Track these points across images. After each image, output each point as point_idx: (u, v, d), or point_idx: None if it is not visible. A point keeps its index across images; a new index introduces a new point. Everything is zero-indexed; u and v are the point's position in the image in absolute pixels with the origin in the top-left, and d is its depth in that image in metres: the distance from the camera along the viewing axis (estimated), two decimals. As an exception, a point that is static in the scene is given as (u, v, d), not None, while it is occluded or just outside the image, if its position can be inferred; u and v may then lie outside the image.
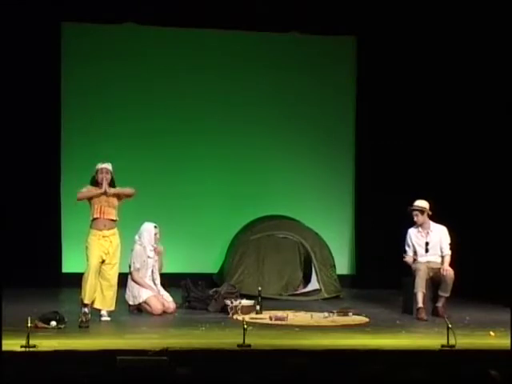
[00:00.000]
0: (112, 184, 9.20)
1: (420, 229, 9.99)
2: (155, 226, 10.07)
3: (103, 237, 9.03)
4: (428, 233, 9.97)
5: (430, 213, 9.96)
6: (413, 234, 10.03)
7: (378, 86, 12.72)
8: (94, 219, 9.04)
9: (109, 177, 9.14)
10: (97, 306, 9.01)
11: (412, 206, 9.97)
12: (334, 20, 12.41)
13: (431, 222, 9.99)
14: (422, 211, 9.93)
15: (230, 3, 11.96)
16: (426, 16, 12.01)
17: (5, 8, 10.03)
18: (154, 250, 10.05)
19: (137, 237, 10.03)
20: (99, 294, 9.04)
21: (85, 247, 9.03)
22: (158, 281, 10.03)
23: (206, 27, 12.42)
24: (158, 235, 10.07)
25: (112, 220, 9.11)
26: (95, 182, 9.15)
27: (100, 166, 9.16)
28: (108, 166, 9.18)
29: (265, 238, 11.75)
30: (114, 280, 9.12)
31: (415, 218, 9.96)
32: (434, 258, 9.94)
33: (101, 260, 9.01)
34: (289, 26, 12.57)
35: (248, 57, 12.86)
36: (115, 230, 9.15)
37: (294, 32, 12.64)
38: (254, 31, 12.64)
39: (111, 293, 9.10)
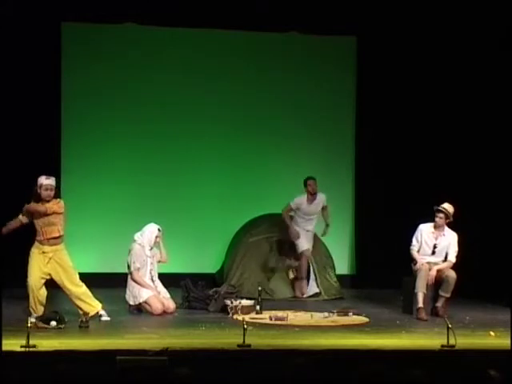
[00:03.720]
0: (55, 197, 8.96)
1: (433, 229, 9.98)
2: (159, 229, 10.04)
3: (43, 252, 8.88)
4: (440, 235, 9.96)
5: (452, 219, 9.95)
6: (424, 231, 10.00)
7: (378, 86, 12.71)
8: (37, 240, 8.88)
9: (52, 194, 8.88)
10: (90, 312, 8.91)
11: (439, 206, 9.92)
12: (334, 20, 12.41)
13: (446, 227, 9.99)
14: (447, 216, 9.91)
15: (230, 3, 11.96)
16: (426, 16, 12.00)
17: (5, 8, 10.01)
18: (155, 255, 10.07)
19: (138, 234, 9.98)
20: (81, 303, 8.91)
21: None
22: (156, 277, 10.04)
23: (206, 27, 12.42)
24: (158, 239, 10.03)
25: (55, 237, 8.91)
26: (39, 197, 8.86)
27: (45, 181, 8.86)
28: (52, 181, 8.90)
29: (264, 241, 11.74)
30: (78, 289, 8.92)
31: (437, 219, 9.90)
32: (436, 260, 9.94)
33: (43, 277, 8.81)
34: (289, 26, 12.57)
35: (248, 57, 12.86)
36: (59, 247, 8.93)
37: (293, 32, 12.64)
38: (254, 31, 12.65)
39: (86, 295, 8.95)
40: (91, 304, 8.96)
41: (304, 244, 11.40)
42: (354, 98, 13.06)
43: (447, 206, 9.93)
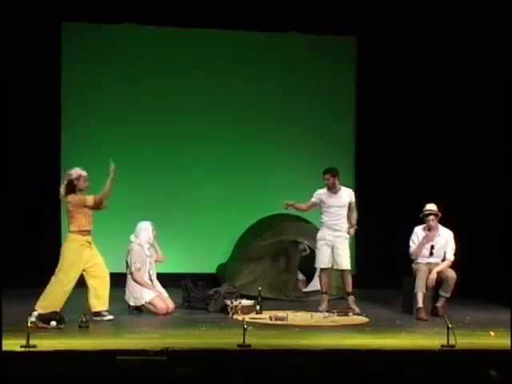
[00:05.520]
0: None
1: (427, 231, 9.97)
2: (151, 224, 10.10)
3: (87, 242, 8.98)
4: (436, 236, 9.95)
5: (440, 214, 9.97)
6: (419, 233, 10.01)
7: (378, 86, 12.72)
8: (83, 230, 8.95)
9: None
10: (96, 309, 8.98)
11: (425, 210, 9.91)
12: (334, 20, 12.42)
13: (440, 226, 9.99)
14: (436, 215, 9.92)
15: (230, 3, 11.96)
16: (426, 16, 12.00)
17: (5, 7, 10.00)
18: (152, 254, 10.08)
19: (133, 236, 10.02)
20: (95, 297, 8.97)
21: (62, 252, 8.90)
22: (154, 276, 10.06)
23: (206, 27, 12.43)
24: (154, 232, 10.09)
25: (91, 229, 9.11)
26: (73, 189, 8.97)
27: (83, 172, 9.00)
28: None
29: (274, 244, 11.69)
30: (102, 279, 9.06)
31: (431, 223, 9.90)
32: (435, 260, 9.94)
33: (78, 276, 8.92)
34: (289, 26, 12.58)
35: (248, 57, 12.86)
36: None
37: (293, 32, 12.64)
38: (254, 31, 12.65)
39: (107, 290, 9.05)
40: (105, 298, 9.02)
41: (320, 261, 10.29)
42: (353, 97, 13.07)
43: (432, 207, 9.94)
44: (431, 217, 9.90)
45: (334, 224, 10.20)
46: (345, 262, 10.20)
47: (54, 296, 8.79)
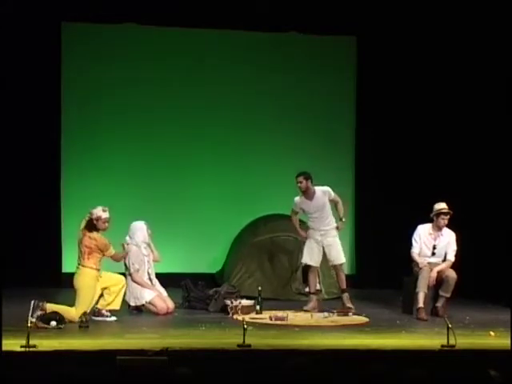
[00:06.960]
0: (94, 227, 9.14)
1: (431, 230, 9.96)
2: (145, 223, 10.10)
3: (100, 277, 9.12)
4: (439, 236, 9.94)
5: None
6: (422, 232, 9.99)
7: (378, 86, 12.71)
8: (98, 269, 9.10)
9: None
10: (114, 307, 9.21)
11: (442, 209, 9.85)
12: (334, 20, 12.41)
13: (444, 227, 9.98)
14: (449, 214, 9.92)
15: (230, 3, 11.96)
16: (426, 15, 12.00)
17: (5, 7, 10.01)
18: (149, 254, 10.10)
19: (128, 238, 10.01)
20: (114, 297, 9.19)
21: (81, 287, 8.93)
22: (153, 275, 10.06)
23: (206, 27, 12.42)
24: (149, 231, 10.09)
25: None
26: (94, 227, 9.02)
27: (103, 214, 9.02)
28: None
29: (268, 240, 11.72)
30: (119, 285, 9.33)
31: (445, 221, 9.88)
32: (436, 260, 9.94)
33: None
34: (289, 26, 12.57)
35: (248, 57, 12.84)
36: None
37: (293, 32, 12.63)
38: (254, 31, 12.64)
39: (123, 293, 9.35)
40: (121, 300, 9.29)
41: (307, 257, 10.33)
42: (353, 97, 13.05)
43: (446, 205, 9.92)
44: (447, 216, 9.87)
45: (320, 226, 10.27)
46: (337, 256, 10.29)
47: (66, 317, 8.73)
